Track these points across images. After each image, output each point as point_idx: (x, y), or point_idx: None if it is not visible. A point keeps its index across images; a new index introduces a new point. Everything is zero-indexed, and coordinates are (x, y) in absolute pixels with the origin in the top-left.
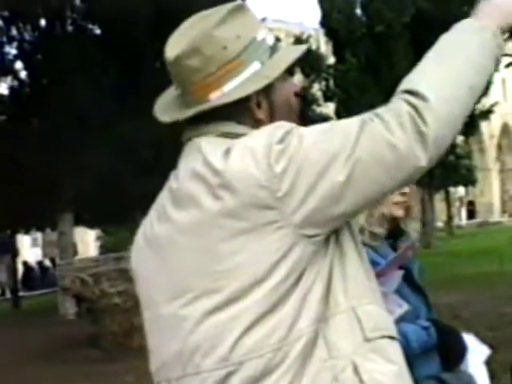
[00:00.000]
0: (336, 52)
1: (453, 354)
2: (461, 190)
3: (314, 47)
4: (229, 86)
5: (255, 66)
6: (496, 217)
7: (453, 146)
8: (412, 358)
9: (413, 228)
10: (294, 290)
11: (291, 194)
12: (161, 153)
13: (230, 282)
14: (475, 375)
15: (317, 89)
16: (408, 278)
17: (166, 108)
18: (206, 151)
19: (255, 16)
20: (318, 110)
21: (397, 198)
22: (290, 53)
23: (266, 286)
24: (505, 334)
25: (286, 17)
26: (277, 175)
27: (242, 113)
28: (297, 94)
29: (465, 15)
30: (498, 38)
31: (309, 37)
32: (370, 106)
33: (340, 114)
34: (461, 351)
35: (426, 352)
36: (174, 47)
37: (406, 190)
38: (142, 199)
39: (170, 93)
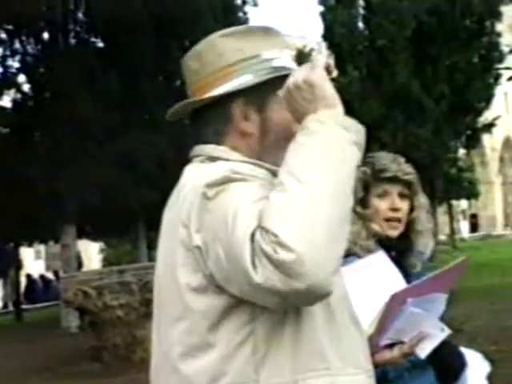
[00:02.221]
0: (338, 65)
1: (449, 370)
2: (463, 204)
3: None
4: (217, 91)
5: (246, 77)
6: (499, 230)
7: (455, 160)
8: (404, 373)
9: (425, 243)
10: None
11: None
12: (163, 166)
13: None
14: None
15: None
16: None
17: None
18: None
19: (278, 40)
20: None
21: (388, 213)
22: (290, 71)
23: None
24: (508, 349)
25: (288, 30)
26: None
27: (223, 121)
28: None
29: (466, 28)
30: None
31: (311, 50)
32: (371, 118)
33: None
34: (458, 367)
35: (418, 367)
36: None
37: (399, 205)
38: (144, 212)
39: None
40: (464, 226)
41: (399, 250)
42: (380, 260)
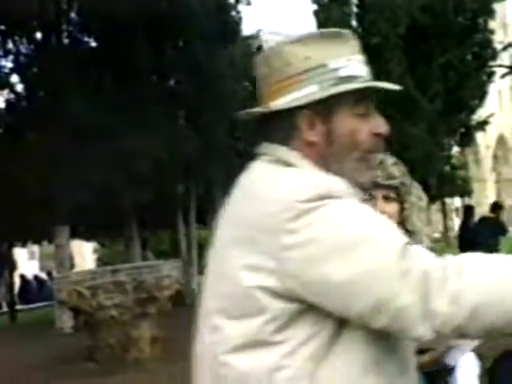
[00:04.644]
0: None
1: (437, 371)
2: (457, 201)
3: None
4: (284, 100)
5: (312, 88)
6: None
7: (448, 157)
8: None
9: (426, 233)
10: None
11: None
12: (156, 166)
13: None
14: None
15: None
16: None
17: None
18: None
19: (346, 47)
20: None
21: (380, 205)
22: (355, 84)
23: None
24: (499, 345)
25: (282, 28)
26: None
27: (290, 128)
28: (375, 135)
29: (459, 26)
30: None
31: None
32: None
33: None
34: (446, 368)
35: None
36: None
37: (383, 209)
38: (137, 212)
39: None
40: (457, 224)
41: None
42: None
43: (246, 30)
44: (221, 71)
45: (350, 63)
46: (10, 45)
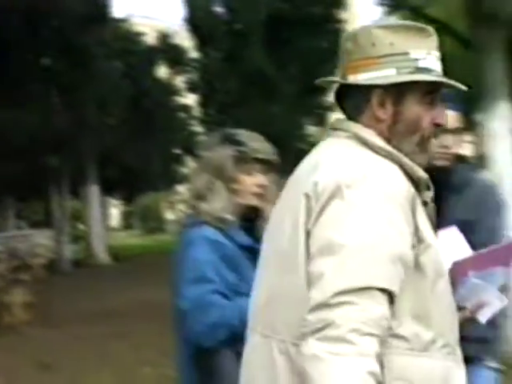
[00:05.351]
0: (199, 47)
1: None
2: None
3: (178, 42)
4: (363, 76)
5: (390, 71)
6: None
7: (306, 136)
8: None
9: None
10: None
11: None
12: (30, 140)
13: None
14: None
15: (180, 81)
16: (256, 260)
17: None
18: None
19: (428, 41)
20: (181, 100)
21: (255, 189)
22: (429, 77)
23: None
24: None
25: (152, 14)
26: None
27: (364, 103)
28: (435, 124)
29: (314, 15)
30: None
31: (174, 32)
32: (230, 97)
33: (204, 105)
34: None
35: None
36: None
37: (264, 182)
38: (11, 183)
39: None
40: None
41: (254, 218)
42: (452, 233)
43: (119, 13)
44: (92, 51)
45: (428, 57)
46: None
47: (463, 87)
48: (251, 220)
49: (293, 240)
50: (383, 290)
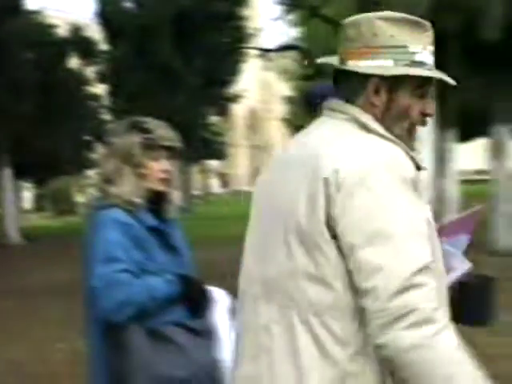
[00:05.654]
0: (109, 40)
1: (198, 305)
2: (215, 163)
3: (89, 34)
4: (362, 63)
5: (388, 62)
6: (244, 187)
7: (209, 125)
8: (156, 306)
9: (175, 197)
10: None
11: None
12: None
13: None
14: (218, 321)
15: (91, 71)
16: (162, 240)
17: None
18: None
19: (425, 35)
20: (91, 90)
21: (161, 174)
22: (424, 72)
23: None
24: None
25: (66, 7)
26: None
27: (360, 87)
28: (423, 114)
29: (219, 12)
30: None
31: (85, 25)
32: (137, 85)
33: (114, 94)
34: (205, 302)
35: (170, 301)
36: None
37: (170, 167)
38: None
39: None
40: (215, 183)
41: (160, 201)
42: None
43: (32, 6)
44: (5, 41)
45: (424, 51)
46: None
47: (453, 82)
48: (157, 203)
49: (312, 219)
50: (429, 265)
